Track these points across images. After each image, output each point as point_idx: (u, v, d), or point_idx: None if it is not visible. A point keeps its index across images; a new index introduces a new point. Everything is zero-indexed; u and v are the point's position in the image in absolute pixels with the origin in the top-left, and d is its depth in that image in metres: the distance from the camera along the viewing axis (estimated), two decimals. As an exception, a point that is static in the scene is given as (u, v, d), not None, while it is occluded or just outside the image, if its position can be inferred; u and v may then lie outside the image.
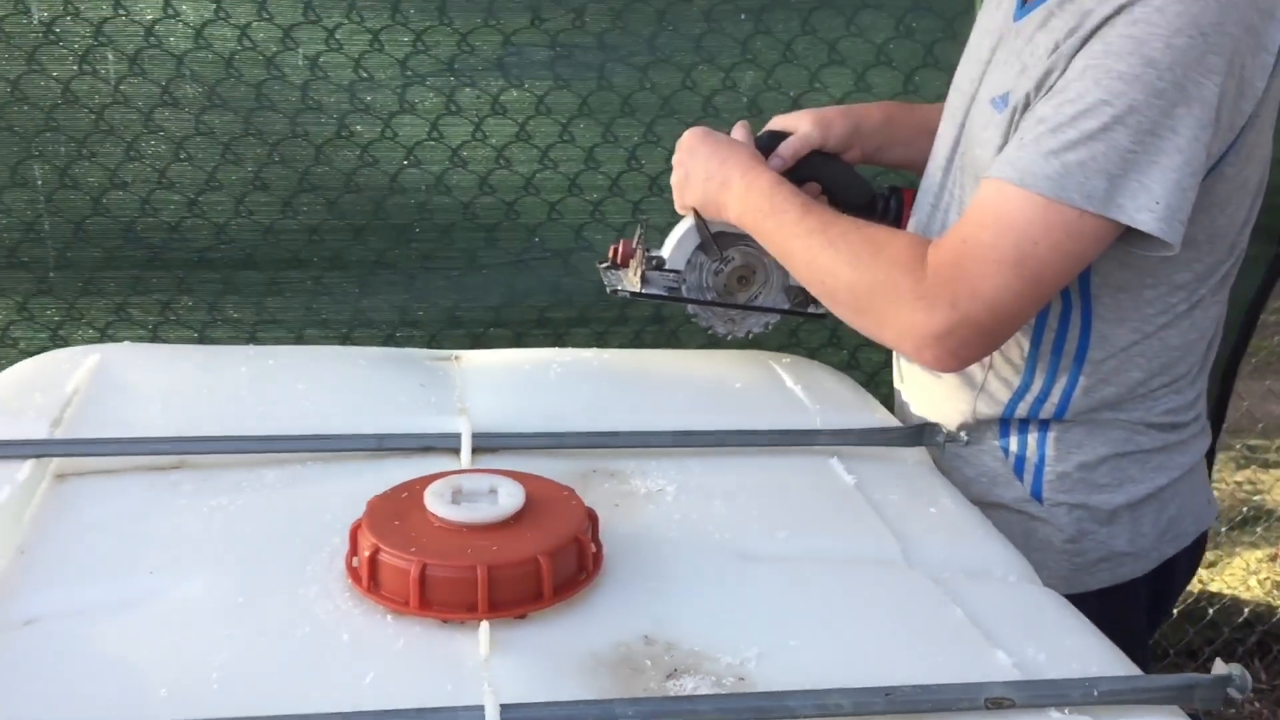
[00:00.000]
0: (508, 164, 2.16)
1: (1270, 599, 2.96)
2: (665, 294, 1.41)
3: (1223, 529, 3.22)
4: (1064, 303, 1.24)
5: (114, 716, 0.71)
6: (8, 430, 1.07)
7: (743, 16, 2.12)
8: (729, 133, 1.44)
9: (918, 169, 1.44)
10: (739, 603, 0.92)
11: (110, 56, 2.02)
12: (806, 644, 0.86)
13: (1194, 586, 2.95)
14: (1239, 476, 3.64)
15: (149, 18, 2.02)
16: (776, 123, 1.48)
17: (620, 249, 1.45)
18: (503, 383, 1.30)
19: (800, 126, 1.43)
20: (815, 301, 1.37)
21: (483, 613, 0.84)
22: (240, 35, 2.03)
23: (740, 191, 1.30)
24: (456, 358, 1.37)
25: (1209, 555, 3.14)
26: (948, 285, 1.13)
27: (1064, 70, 1.12)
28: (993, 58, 1.28)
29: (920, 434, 1.24)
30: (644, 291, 1.40)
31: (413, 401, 1.21)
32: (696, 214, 1.39)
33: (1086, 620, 0.95)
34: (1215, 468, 3.46)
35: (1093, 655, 0.88)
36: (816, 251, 1.22)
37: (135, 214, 2.11)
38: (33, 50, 2.00)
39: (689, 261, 1.40)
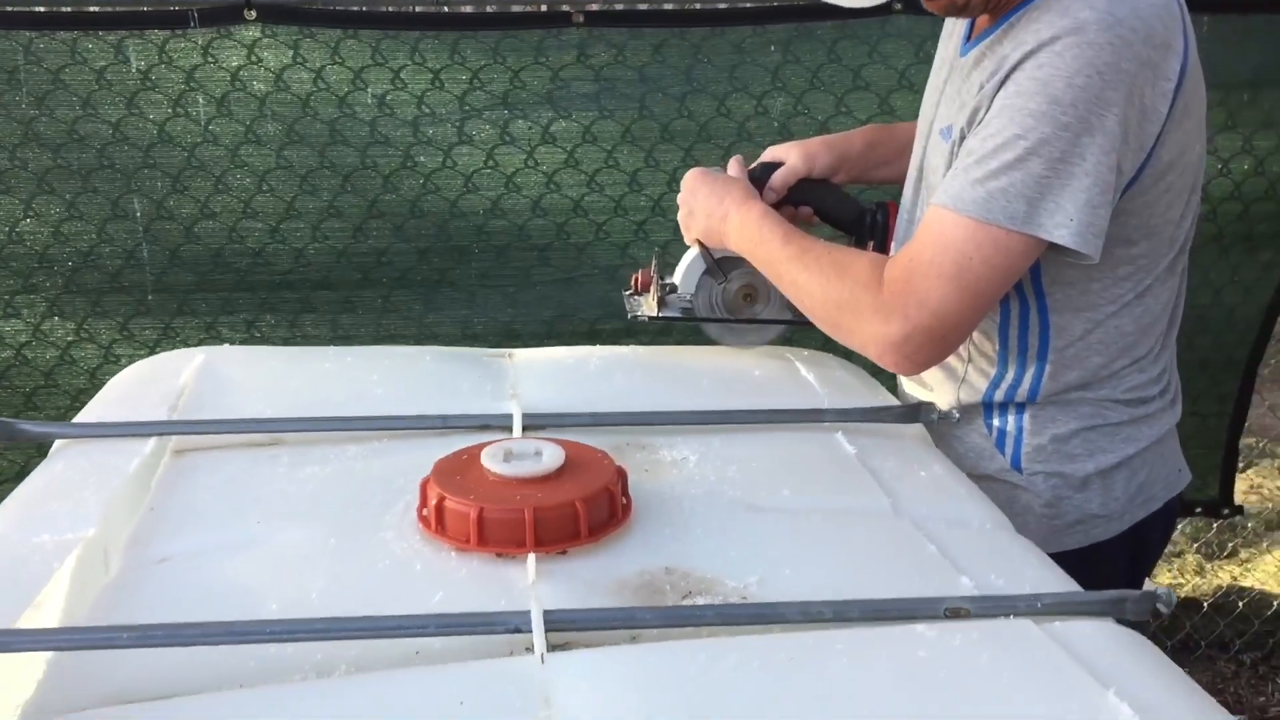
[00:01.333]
0: (558, 188, 2.35)
1: (1299, 593, 3.05)
2: (679, 315, 1.58)
3: (1253, 527, 3.31)
4: (1022, 302, 1.40)
5: (233, 619, 0.89)
6: (134, 414, 1.27)
7: (772, 48, 2.29)
8: (725, 166, 1.61)
9: (902, 184, 1.61)
10: (746, 543, 1.08)
11: (200, 100, 2.24)
12: (799, 572, 1.02)
13: (1225, 581, 3.04)
14: (1278, 482, 3.72)
15: (234, 64, 2.23)
16: (768, 155, 1.64)
17: (640, 278, 1.62)
18: (549, 374, 1.48)
19: (789, 158, 1.60)
20: None
21: (530, 548, 1.01)
22: (315, 78, 2.24)
23: (736, 224, 1.48)
24: (509, 355, 1.56)
25: (1242, 553, 3.22)
26: (900, 298, 1.30)
27: (987, 108, 1.30)
28: (945, 89, 1.45)
29: (916, 412, 1.40)
30: (661, 315, 1.57)
31: (472, 389, 1.40)
32: (701, 244, 1.56)
33: (1045, 555, 1.10)
34: (1248, 472, 3.55)
35: (1044, 579, 1.03)
36: (796, 273, 1.40)
37: (223, 241, 2.32)
38: (131, 96, 2.23)
39: (698, 285, 1.57)
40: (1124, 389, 1.42)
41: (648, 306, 1.57)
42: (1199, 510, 2.76)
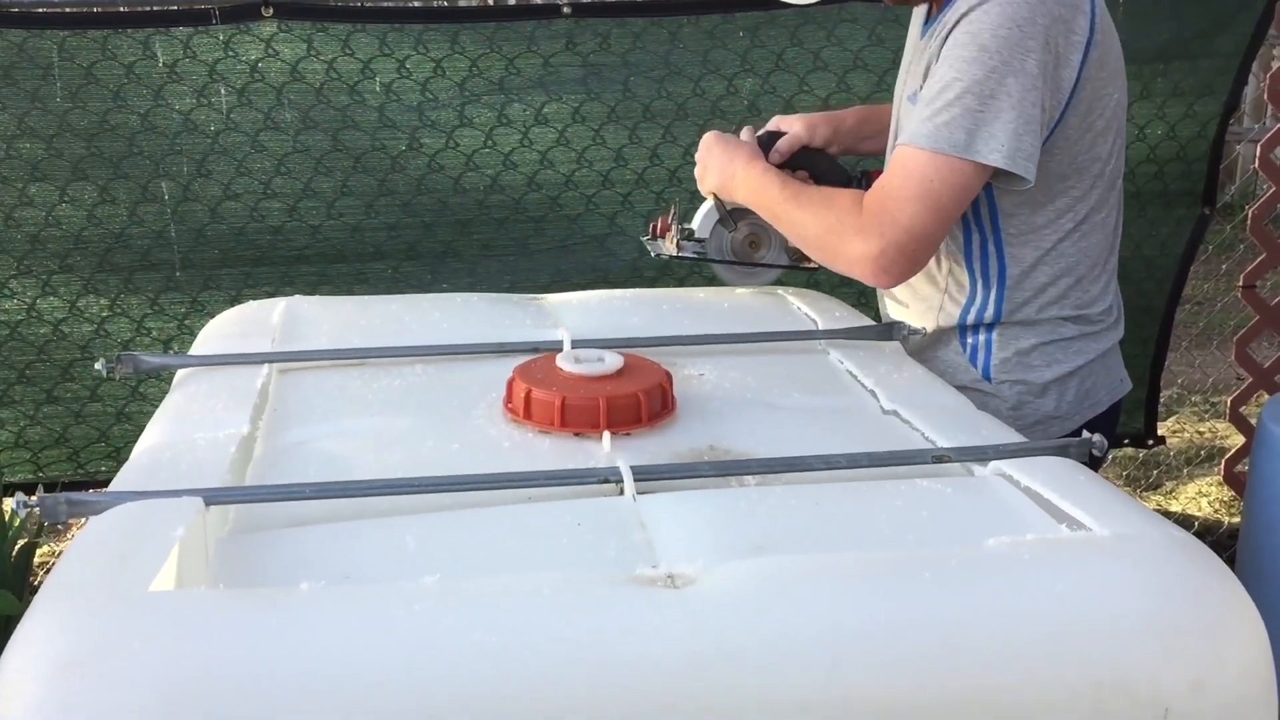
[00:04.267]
0: (551, 165, 2.59)
1: (1218, 515, 3.38)
2: (694, 256, 1.84)
3: (1175, 462, 3.64)
4: (980, 236, 1.68)
5: (362, 477, 1.13)
6: (246, 346, 1.50)
7: (741, 34, 2.55)
8: (737, 133, 1.87)
9: (884, 155, 1.89)
10: (769, 428, 1.33)
11: (222, 90, 2.45)
12: (815, 447, 1.26)
13: (1153, 506, 3.37)
14: (1201, 426, 4.07)
15: (253, 57, 2.44)
16: (774, 124, 1.91)
17: (658, 224, 1.88)
18: (581, 310, 1.72)
19: (793, 128, 1.87)
20: (807, 259, 1.81)
21: (604, 428, 1.25)
22: (328, 68, 2.46)
23: (743, 178, 1.75)
24: (541, 298, 1.80)
25: (1167, 484, 3.55)
26: (875, 219, 1.56)
27: (935, 63, 1.58)
28: (910, 65, 1.73)
29: (890, 330, 1.67)
30: (679, 255, 1.83)
31: (519, 322, 1.64)
32: (715, 197, 1.82)
33: (1003, 424, 1.37)
34: (1169, 420, 3.88)
35: (1006, 437, 1.30)
36: (792, 211, 1.67)
37: (245, 220, 2.53)
38: (159, 87, 2.43)
39: (711, 232, 1.83)
40: (1070, 307, 1.70)
41: (668, 247, 1.83)
42: (1126, 441, 3.07)
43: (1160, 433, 3.10)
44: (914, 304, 1.78)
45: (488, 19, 2.50)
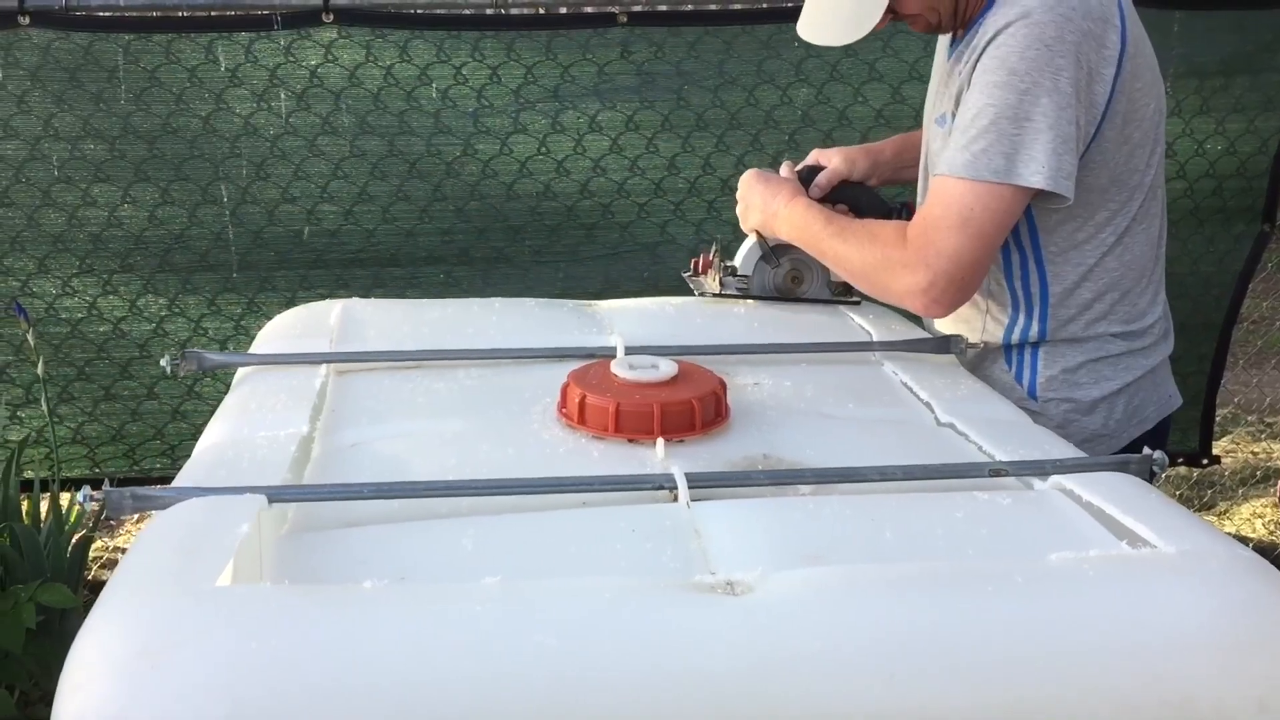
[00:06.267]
0: (603, 172, 2.60)
1: (1272, 537, 3.32)
2: (737, 293, 1.85)
3: (1230, 482, 3.59)
4: (1021, 256, 1.67)
5: (418, 479, 1.14)
6: (303, 346, 1.52)
7: (795, 44, 2.52)
8: (776, 169, 1.87)
9: None
10: (823, 438, 1.32)
11: (282, 95, 2.48)
12: (869, 458, 1.26)
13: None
14: (1256, 446, 4.01)
15: (312, 62, 2.47)
16: (812, 158, 1.91)
17: (699, 262, 1.90)
18: (634, 317, 1.72)
19: (831, 162, 1.88)
20: (849, 290, 1.82)
21: (658, 435, 1.25)
22: (385, 74, 2.49)
23: (785, 215, 1.76)
24: (593, 304, 1.81)
25: (1221, 504, 3.50)
26: (920, 252, 1.56)
27: (967, 89, 1.58)
28: (939, 88, 1.73)
29: (947, 343, 1.66)
30: (723, 292, 1.84)
31: (573, 328, 1.64)
32: (758, 233, 1.83)
33: (1060, 438, 1.36)
34: (1224, 440, 3.83)
35: (1064, 452, 1.29)
36: (837, 246, 1.67)
37: (302, 223, 2.56)
38: (220, 91, 2.47)
39: (755, 268, 1.84)
40: (1118, 323, 1.68)
41: (710, 284, 1.84)
42: (1180, 461, 3.03)
43: (1215, 452, 3.06)
44: (956, 326, 1.77)
45: (544, 27, 2.52)
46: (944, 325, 1.79)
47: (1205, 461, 3.02)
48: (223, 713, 0.77)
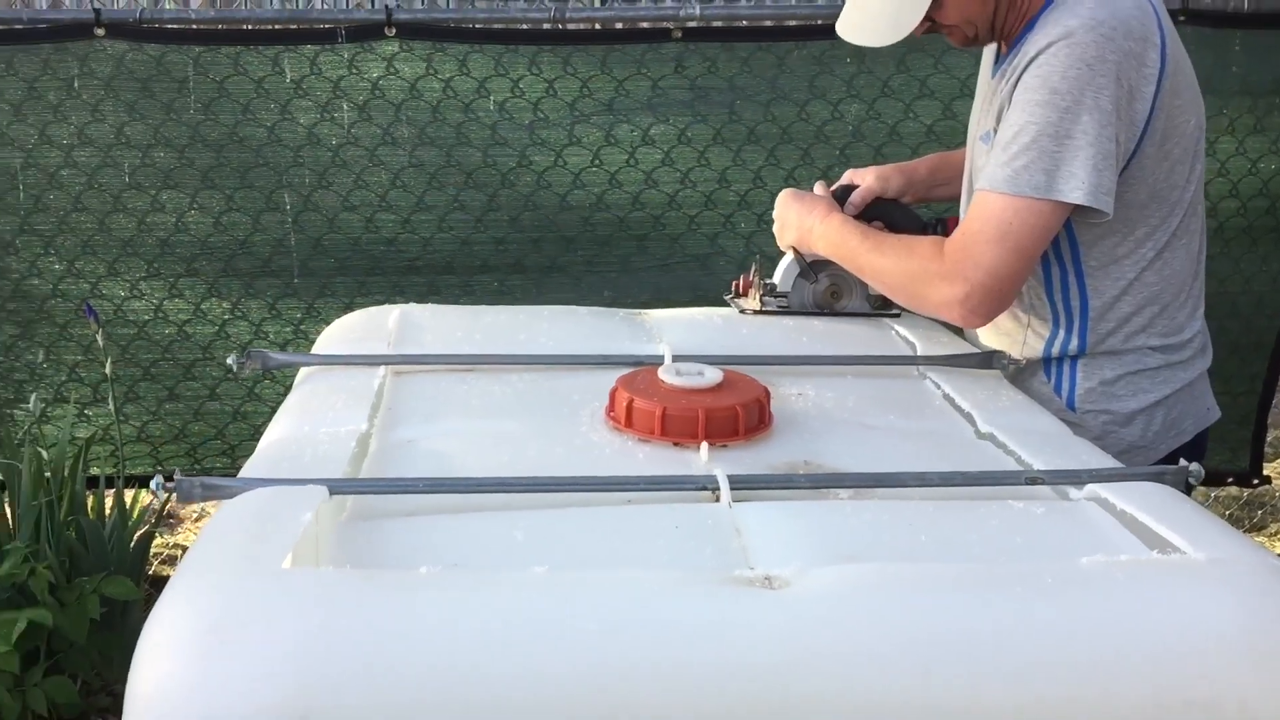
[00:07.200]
0: (655, 185, 2.65)
1: (1325, 559, 3.28)
2: (778, 310, 1.88)
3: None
4: (1061, 271, 1.69)
5: (469, 473, 1.19)
6: (362, 349, 1.58)
7: (848, 60, 2.58)
8: (812, 187, 1.91)
9: (957, 201, 1.91)
10: (864, 447, 1.36)
11: (344, 106, 2.56)
12: (903, 465, 1.29)
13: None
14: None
15: (374, 75, 2.54)
16: (847, 178, 1.95)
17: (740, 283, 1.94)
18: (683, 327, 1.77)
19: (866, 181, 1.91)
20: (888, 304, 1.85)
21: (701, 439, 1.29)
22: (445, 86, 2.55)
23: (822, 231, 1.80)
24: (643, 313, 1.85)
25: (1271, 525, 3.47)
26: (959, 264, 1.60)
27: (1008, 107, 1.61)
28: (983, 105, 1.76)
29: (990, 359, 1.69)
30: (763, 310, 1.88)
31: (622, 336, 1.69)
32: (795, 250, 1.87)
33: (1097, 448, 1.38)
34: (1277, 462, 3.79)
35: (1103, 463, 1.31)
36: (875, 260, 1.71)
37: (361, 231, 2.63)
38: (285, 102, 2.55)
39: (793, 285, 1.88)
40: (1157, 336, 1.70)
41: (750, 303, 1.88)
42: (1230, 481, 3.02)
43: (1266, 472, 3.04)
44: (997, 339, 1.80)
45: (600, 41, 2.57)
46: (985, 339, 1.82)
47: (1256, 482, 3.00)
48: (287, 685, 0.82)
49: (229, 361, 1.56)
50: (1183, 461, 1.25)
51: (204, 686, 0.82)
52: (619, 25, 2.66)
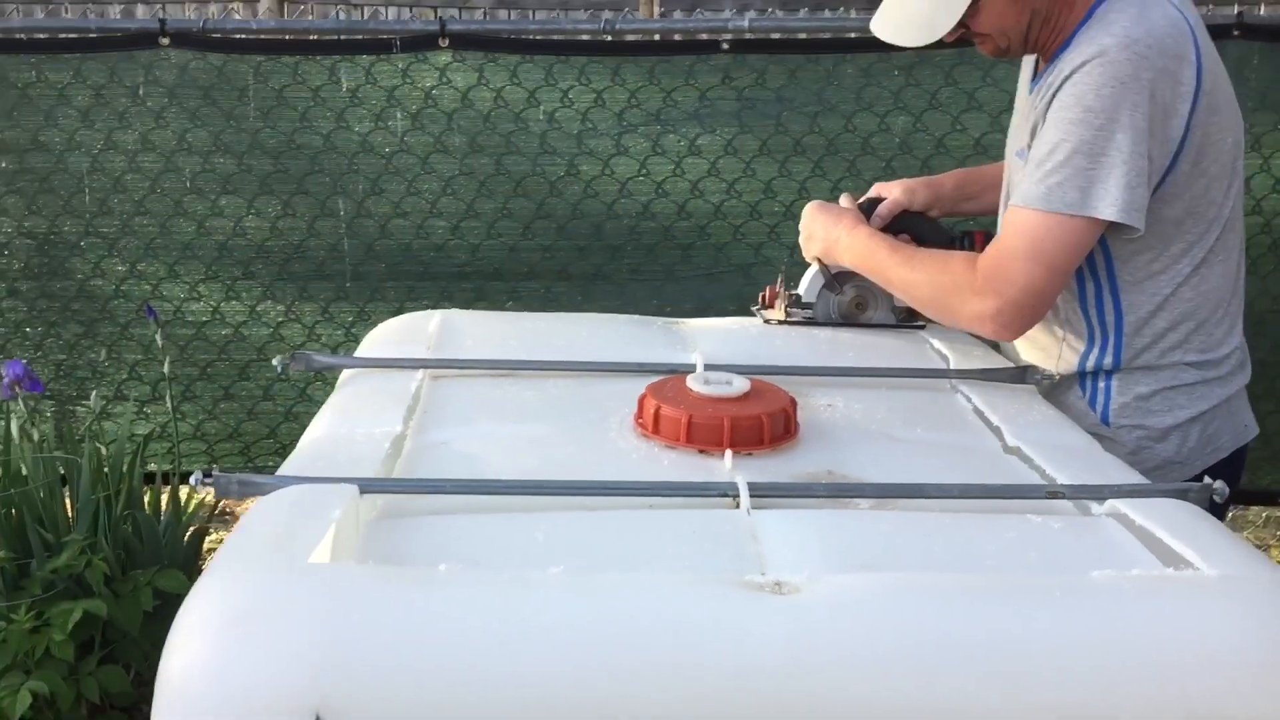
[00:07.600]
0: (701, 195, 2.67)
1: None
2: (803, 321, 1.90)
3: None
4: (1096, 286, 1.69)
5: (498, 475, 1.22)
6: (400, 353, 1.63)
7: (896, 72, 2.59)
8: (839, 200, 1.93)
9: (989, 215, 1.92)
10: (889, 459, 1.37)
11: (398, 115, 2.62)
12: (927, 478, 1.30)
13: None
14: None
15: (428, 84, 2.60)
16: (874, 191, 1.96)
17: (767, 295, 1.95)
18: (717, 336, 1.79)
19: (892, 193, 1.93)
20: (913, 316, 1.86)
21: (726, 446, 1.32)
22: (496, 96, 2.60)
23: (848, 244, 1.81)
24: (681, 322, 1.88)
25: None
26: (992, 279, 1.61)
27: (1042, 124, 1.62)
28: (1019, 121, 1.77)
29: (1023, 373, 1.69)
30: (788, 320, 1.90)
31: (657, 344, 1.72)
32: (820, 262, 1.88)
33: (1125, 463, 1.38)
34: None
35: (1129, 479, 1.32)
36: (905, 273, 1.73)
37: (412, 237, 2.69)
38: (341, 110, 2.61)
39: (818, 296, 1.89)
40: (1194, 352, 1.69)
41: (776, 314, 1.90)
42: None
43: (1318, 494, 2.98)
44: (1033, 353, 1.80)
45: (650, 53, 2.61)
46: (1021, 352, 1.82)
47: (1306, 501, 2.95)
48: (305, 675, 0.86)
49: (275, 362, 1.61)
50: (1207, 479, 1.25)
51: (227, 673, 0.86)
52: (676, 37, 2.69)
